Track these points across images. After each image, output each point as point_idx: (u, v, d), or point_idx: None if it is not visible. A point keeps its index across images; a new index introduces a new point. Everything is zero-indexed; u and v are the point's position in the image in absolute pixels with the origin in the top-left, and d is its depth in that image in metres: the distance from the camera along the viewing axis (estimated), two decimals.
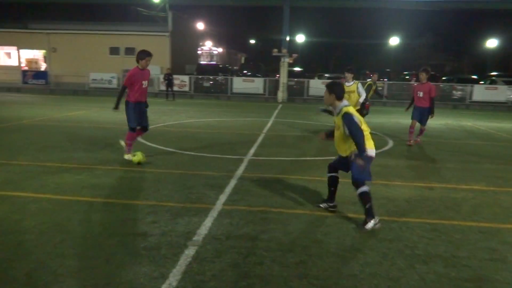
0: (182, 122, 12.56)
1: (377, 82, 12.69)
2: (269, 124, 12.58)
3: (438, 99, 23.22)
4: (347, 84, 9.00)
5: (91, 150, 7.74)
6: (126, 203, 4.79)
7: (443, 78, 29.42)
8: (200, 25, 44.18)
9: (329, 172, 4.76)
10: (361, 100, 9.12)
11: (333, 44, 55.06)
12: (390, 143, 9.50)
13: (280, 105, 20.87)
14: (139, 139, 9.13)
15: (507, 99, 23.13)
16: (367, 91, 11.17)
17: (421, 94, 9.02)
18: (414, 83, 26.68)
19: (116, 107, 6.88)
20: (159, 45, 30.03)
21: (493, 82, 26.16)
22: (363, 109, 10.03)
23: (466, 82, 25.23)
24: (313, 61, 53.64)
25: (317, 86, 24.80)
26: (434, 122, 14.97)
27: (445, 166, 7.36)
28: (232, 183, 5.72)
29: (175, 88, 23.05)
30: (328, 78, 28.75)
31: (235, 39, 67.00)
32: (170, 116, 14.11)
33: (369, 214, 4.18)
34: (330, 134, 4.71)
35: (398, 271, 3.34)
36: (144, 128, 7.11)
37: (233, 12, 56.25)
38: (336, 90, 4.36)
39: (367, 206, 4.19)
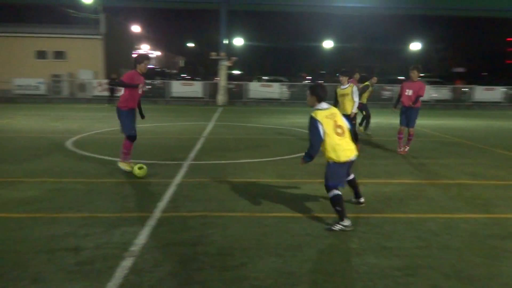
0: (117, 128, 12.06)
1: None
2: (209, 128, 12.51)
3: (369, 99, 24.63)
4: (342, 87, 8.53)
5: (15, 162, 7.18)
6: (56, 216, 4.49)
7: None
8: (136, 28, 42.90)
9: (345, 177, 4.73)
10: (354, 109, 8.35)
11: (271, 47, 56.14)
12: None
13: (221, 109, 20.85)
14: (71, 147, 8.64)
15: (429, 98, 25.06)
16: (362, 91, 11.06)
17: (410, 92, 8.41)
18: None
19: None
20: (91, 49, 28.74)
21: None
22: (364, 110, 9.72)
23: (394, 83, 26.98)
24: (252, 64, 54.24)
25: (256, 89, 25.12)
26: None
27: (376, 162, 7.79)
28: (171, 189, 5.61)
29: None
30: (267, 80, 29.29)
31: (173, 42, 65.93)
32: (105, 122, 13.51)
33: (340, 216, 4.27)
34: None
35: (334, 265, 3.47)
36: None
37: (171, 15, 55.32)
38: (318, 92, 4.34)
39: (336, 209, 4.28)
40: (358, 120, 10.65)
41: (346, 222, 4.27)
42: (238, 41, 33.56)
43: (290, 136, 11.27)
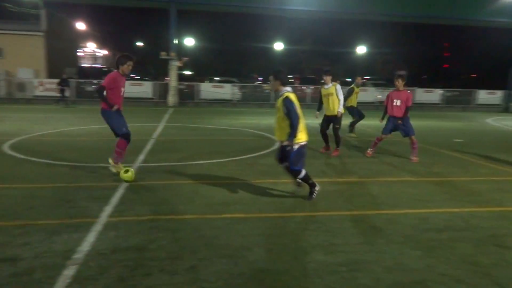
0: (61, 130, 11.49)
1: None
2: (159, 129, 12.25)
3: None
4: (325, 86, 8.38)
5: None
6: None
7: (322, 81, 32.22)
8: (81, 25, 40.98)
9: (280, 163, 5.42)
10: (340, 109, 8.28)
11: (223, 48, 56.07)
12: (277, 143, 9.98)
13: (171, 109, 20.48)
14: (8, 150, 8.12)
15: (375, 99, 26.24)
16: (348, 95, 11.28)
17: (398, 102, 8.04)
18: (296, 85, 28.68)
19: (113, 107, 6.01)
20: (31, 46, 27.12)
21: (363, 84, 29.56)
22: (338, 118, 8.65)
23: (342, 85, 27.94)
24: (203, 64, 53.80)
25: (207, 89, 24.96)
26: (311, 122, 16.23)
27: (324, 162, 8.02)
28: (119, 193, 5.42)
29: (53, 94, 21.05)
30: (219, 81, 29.19)
31: (122, 41, 63.72)
32: (48, 124, 12.81)
33: (312, 186, 5.25)
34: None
35: (284, 264, 3.53)
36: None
37: (118, 13, 53.45)
38: (281, 77, 5.08)
39: (310, 182, 5.22)
40: (345, 122, 10.48)
41: (317, 187, 5.28)
42: (189, 41, 33.15)
43: (242, 137, 11.30)
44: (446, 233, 4.35)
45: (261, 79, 45.59)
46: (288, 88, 5.05)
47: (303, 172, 5.13)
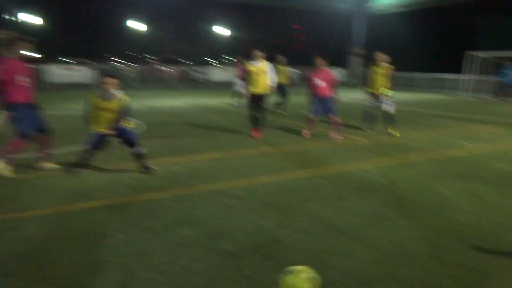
0: None
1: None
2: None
3: (182, 81, 25.17)
4: (256, 64, 8.13)
5: None
6: None
7: (183, 61, 31.98)
8: None
9: (93, 150, 5.56)
10: (272, 84, 8.39)
11: (74, 28, 50.68)
12: (143, 126, 9.60)
13: None
14: None
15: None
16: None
17: (320, 82, 8.07)
18: (159, 66, 27.87)
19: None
20: None
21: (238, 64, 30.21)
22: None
23: (204, 65, 28.23)
24: (53, 46, 47.84)
25: (57, 72, 22.44)
26: (178, 102, 16.09)
27: (189, 140, 8.06)
28: None
29: None
30: (69, 63, 26.46)
31: None
32: None
33: (146, 163, 5.66)
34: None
35: (146, 244, 3.47)
36: (45, 130, 5.70)
37: None
38: (118, 78, 5.60)
39: (142, 155, 5.62)
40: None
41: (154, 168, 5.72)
42: (35, 19, 29.06)
43: None
44: (297, 195, 4.83)
45: (121, 61, 42.88)
46: (122, 91, 5.57)
47: (142, 148, 5.67)
